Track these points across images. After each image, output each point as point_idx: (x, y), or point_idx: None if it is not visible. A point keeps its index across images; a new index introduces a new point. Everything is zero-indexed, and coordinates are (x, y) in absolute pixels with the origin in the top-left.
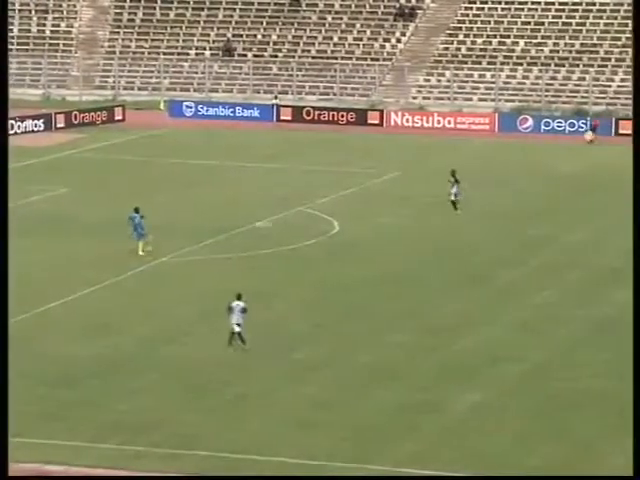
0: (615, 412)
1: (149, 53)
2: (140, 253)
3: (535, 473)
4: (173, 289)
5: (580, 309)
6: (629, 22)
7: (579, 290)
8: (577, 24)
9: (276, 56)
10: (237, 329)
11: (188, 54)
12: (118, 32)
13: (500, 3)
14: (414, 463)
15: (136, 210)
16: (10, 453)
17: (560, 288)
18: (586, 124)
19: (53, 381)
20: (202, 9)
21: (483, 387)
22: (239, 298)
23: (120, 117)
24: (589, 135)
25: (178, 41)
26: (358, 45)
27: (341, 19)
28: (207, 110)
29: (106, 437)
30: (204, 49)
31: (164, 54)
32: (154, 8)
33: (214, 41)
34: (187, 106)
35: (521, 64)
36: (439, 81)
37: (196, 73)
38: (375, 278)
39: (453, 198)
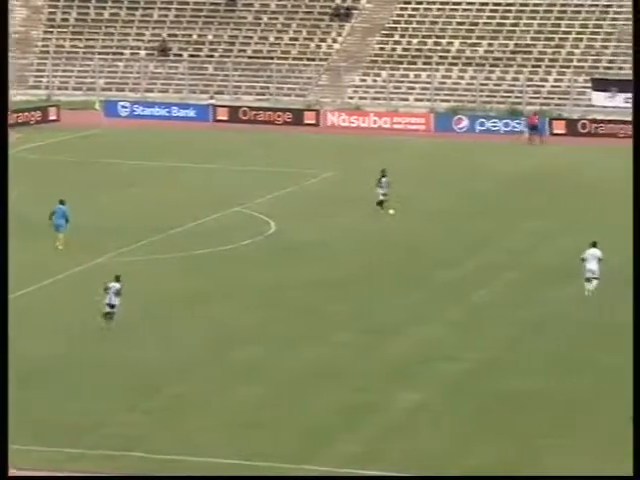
0: (553, 411)
1: (84, 53)
2: (59, 246)
3: (474, 473)
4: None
5: (518, 309)
6: (562, 22)
7: (517, 290)
8: (511, 24)
9: (212, 56)
10: (107, 309)
11: (123, 54)
12: (52, 32)
13: (435, 4)
14: (354, 463)
15: (62, 202)
16: None
17: (498, 288)
18: (521, 124)
19: None
20: (137, 9)
21: (423, 387)
22: (117, 280)
23: (54, 117)
24: (526, 134)
25: (113, 41)
26: (294, 45)
27: (277, 19)
28: (143, 110)
29: (41, 439)
30: (139, 49)
31: (99, 54)
32: (88, 7)
33: (149, 41)
34: (122, 106)
35: (456, 64)
36: (375, 81)
37: (131, 73)
38: (314, 278)
39: (382, 198)
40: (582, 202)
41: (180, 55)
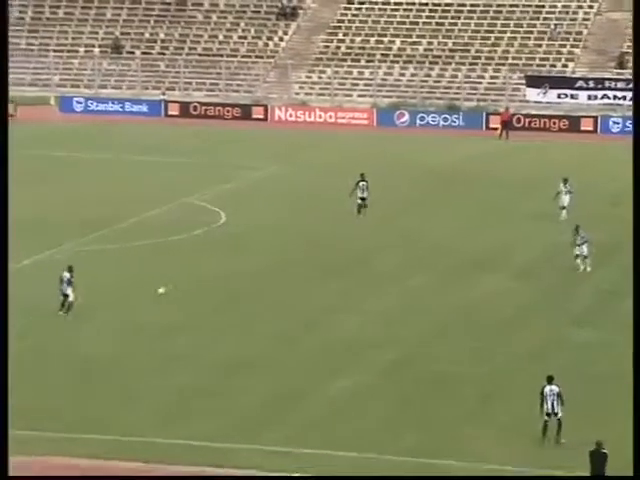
0: (478, 398)
1: (39, 50)
2: None
3: (403, 456)
4: (54, 283)
5: (444, 297)
6: (497, 22)
7: (444, 279)
8: (449, 24)
9: (164, 54)
10: (62, 298)
11: (77, 51)
12: (9, 30)
13: (377, 4)
14: (285, 448)
15: None
16: None
17: (426, 277)
18: (459, 118)
19: None
20: (90, 7)
21: (351, 375)
22: (69, 270)
23: (12, 112)
24: (498, 130)
25: (67, 39)
26: (243, 43)
27: (226, 18)
28: (97, 105)
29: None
30: (93, 46)
31: (54, 51)
32: (43, 7)
33: (103, 39)
34: (77, 102)
35: (397, 62)
36: (320, 78)
37: (85, 70)
38: (253, 270)
39: (359, 202)
40: (511, 194)
41: (133, 53)
